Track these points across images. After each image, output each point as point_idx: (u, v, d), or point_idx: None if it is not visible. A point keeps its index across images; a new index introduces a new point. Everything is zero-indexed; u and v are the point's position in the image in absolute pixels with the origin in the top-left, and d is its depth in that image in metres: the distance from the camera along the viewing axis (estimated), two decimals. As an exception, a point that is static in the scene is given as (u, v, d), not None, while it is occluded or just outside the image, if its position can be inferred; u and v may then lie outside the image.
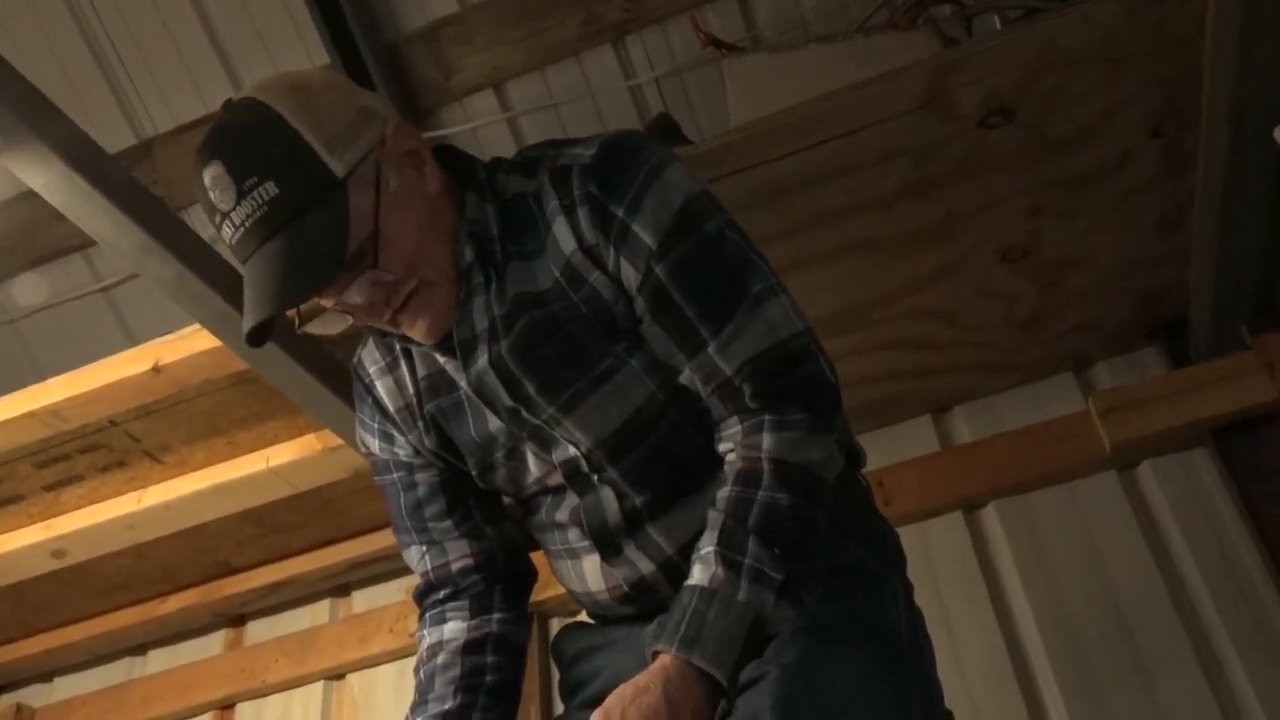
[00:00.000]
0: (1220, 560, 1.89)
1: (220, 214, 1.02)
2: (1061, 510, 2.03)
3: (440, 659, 1.23)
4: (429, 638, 1.26)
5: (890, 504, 2.03)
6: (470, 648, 1.23)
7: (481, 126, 2.45)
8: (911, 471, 2.12)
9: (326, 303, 1.10)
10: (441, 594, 1.28)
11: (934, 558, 2.04)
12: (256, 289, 1.02)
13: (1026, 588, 1.98)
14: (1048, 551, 2.00)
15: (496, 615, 1.26)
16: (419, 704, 1.22)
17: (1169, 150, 1.73)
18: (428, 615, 1.28)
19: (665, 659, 0.98)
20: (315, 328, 1.13)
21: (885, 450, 2.16)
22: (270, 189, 1.00)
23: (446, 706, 1.19)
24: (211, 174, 1.01)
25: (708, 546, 1.03)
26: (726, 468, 1.08)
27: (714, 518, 1.05)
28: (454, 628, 1.25)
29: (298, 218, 1.01)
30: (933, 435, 2.22)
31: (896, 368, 2.10)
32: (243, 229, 1.01)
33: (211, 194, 1.02)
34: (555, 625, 2.25)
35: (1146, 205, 1.83)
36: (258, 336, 1.05)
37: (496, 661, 1.24)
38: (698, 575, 1.02)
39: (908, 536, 1.30)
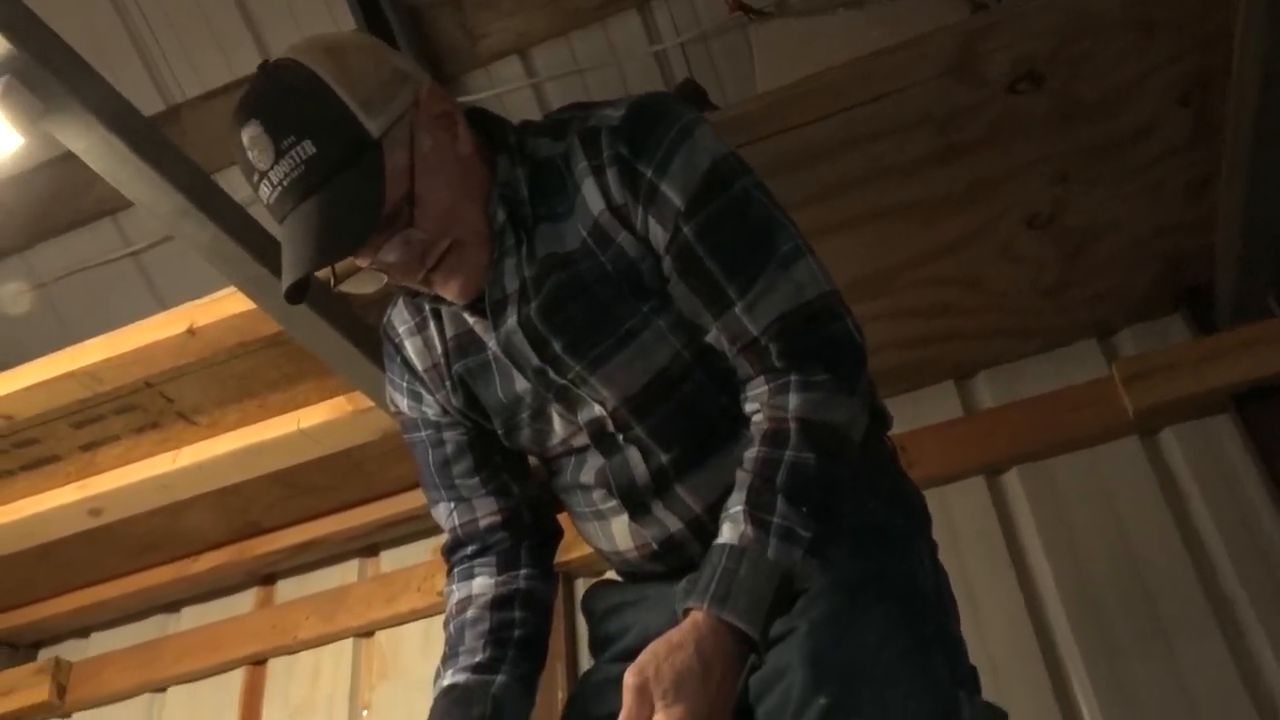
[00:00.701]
0: (1241, 525, 1.90)
1: (258, 173, 1.04)
2: (1083, 476, 2.05)
3: (469, 614, 1.25)
4: (458, 593, 1.28)
5: (912, 469, 2.01)
6: (498, 603, 1.25)
7: (507, 93, 2.46)
8: (934, 437, 2.13)
9: (361, 262, 1.11)
10: (469, 550, 1.30)
11: (955, 523, 2.06)
12: (294, 247, 1.04)
13: (1048, 552, 1.99)
14: (1069, 517, 2.02)
15: (523, 571, 1.28)
16: (449, 656, 1.24)
17: (1197, 117, 1.73)
18: (456, 571, 1.30)
19: (697, 616, 1.00)
20: (350, 286, 1.15)
21: (908, 416, 2.17)
22: (308, 148, 1.02)
23: (477, 659, 1.21)
24: (249, 133, 1.03)
25: (736, 506, 1.04)
26: (753, 428, 1.10)
27: (742, 478, 1.06)
28: (482, 583, 1.27)
29: (334, 177, 1.02)
30: (956, 401, 2.23)
31: (920, 334, 2.11)
32: (280, 188, 1.03)
33: (249, 153, 1.04)
34: (581, 586, 2.28)
35: (1173, 172, 1.82)
36: (296, 293, 1.07)
37: (524, 617, 1.26)
38: (727, 534, 1.04)
39: (929, 501, 1.31)
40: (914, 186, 1.80)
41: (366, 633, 2.45)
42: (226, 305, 1.87)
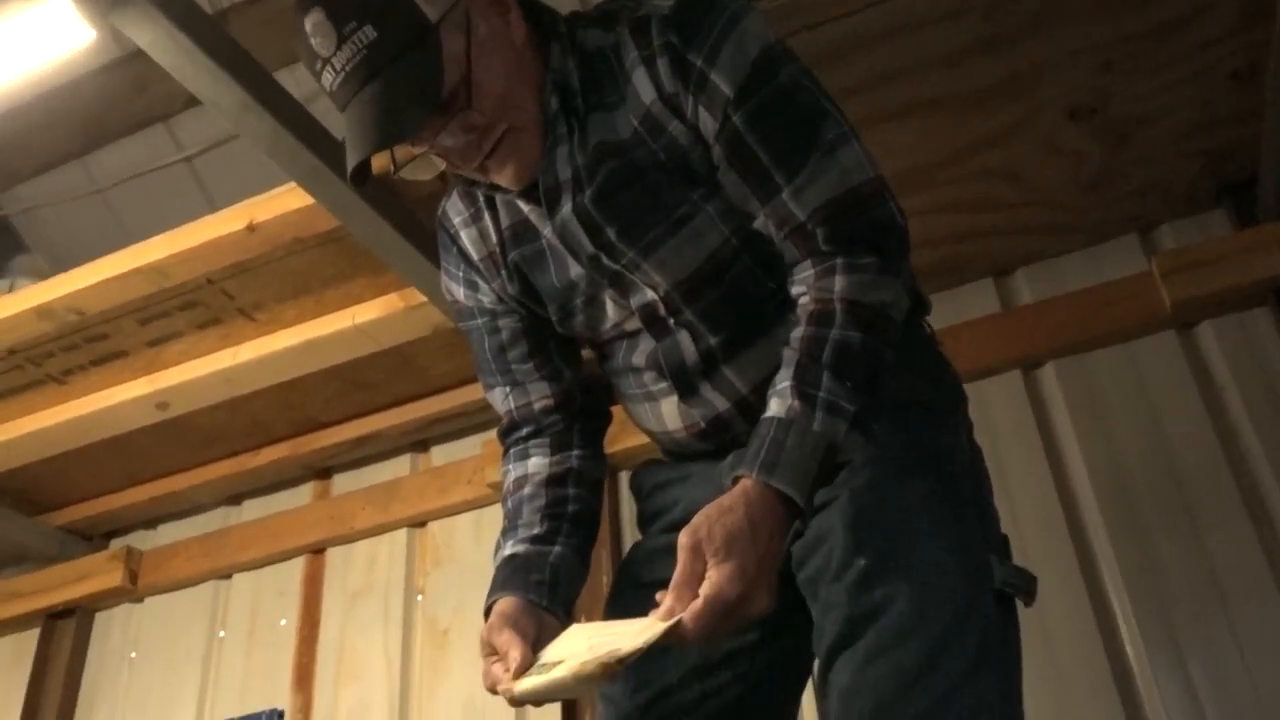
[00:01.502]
0: (1274, 415, 1.93)
1: (321, 60, 1.07)
2: (1119, 369, 2.08)
3: (526, 490, 1.31)
4: (514, 472, 1.34)
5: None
6: (553, 481, 1.30)
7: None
8: (971, 332, 2.16)
9: (420, 148, 1.15)
10: (524, 431, 1.35)
11: (992, 416, 2.10)
12: (358, 129, 1.07)
13: (1082, 444, 2.04)
14: (1104, 410, 2.06)
15: (576, 452, 1.33)
16: (509, 529, 1.30)
17: (1244, 2, 1.71)
18: (511, 451, 1.36)
19: (746, 483, 1.03)
20: (410, 173, 1.18)
21: (947, 312, 2.19)
22: (369, 33, 1.05)
23: (534, 531, 1.27)
24: (313, 20, 1.06)
25: (784, 382, 1.07)
26: (799, 309, 1.12)
27: (789, 355, 1.09)
28: (537, 463, 1.32)
29: (395, 61, 1.06)
30: (994, 298, 2.26)
31: (960, 229, 2.13)
32: (343, 73, 1.06)
33: (312, 40, 1.07)
34: (623, 478, 2.36)
35: (1220, 59, 1.81)
36: (360, 175, 1.10)
37: (577, 493, 1.31)
38: (774, 408, 1.07)
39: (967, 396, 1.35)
40: (957, 77, 1.81)
41: (419, 523, 2.56)
42: (285, 201, 1.93)
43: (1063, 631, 1.88)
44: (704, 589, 0.97)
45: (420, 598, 2.48)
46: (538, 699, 1.05)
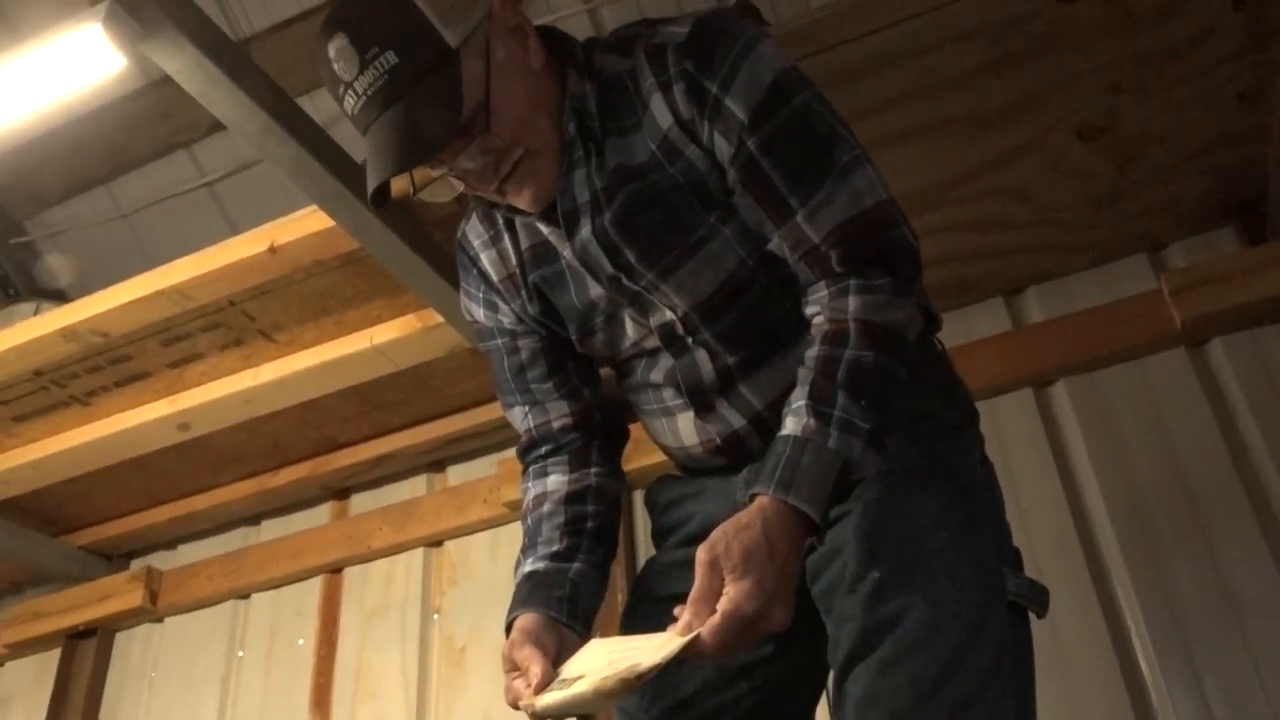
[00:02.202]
0: (1286, 431, 1.94)
1: (344, 84, 1.11)
2: (1131, 386, 2.09)
3: (546, 507, 1.33)
4: (533, 489, 1.36)
5: (961, 382, 2.09)
6: (572, 498, 1.32)
7: (563, 18, 2.50)
8: (983, 350, 2.18)
9: (439, 170, 1.18)
10: (543, 449, 1.37)
11: (1004, 434, 2.10)
12: (379, 151, 1.10)
13: (1093, 461, 2.05)
14: (1116, 427, 2.06)
15: (594, 469, 1.35)
16: (528, 547, 1.32)
17: (1252, 23, 1.73)
18: (531, 469, 1.38)
19: (763, 500, 1.05)
20: (429, 195, 1.24)
21: (958, 331, 2.22)
22: (390, 58, 1.08)
23: (554, 548, 1.29)
24: (336, 46, 1.10)
25: (799, 400, 1.09)
26: (814, 329, 1.15)
27: (804, 374, 1.11)
28: (556, 480, 1.34)
29: (416, 85, 1.09)
30: (1005, 316, 2.27)
31: (970, 248, 2.15)
32: (365, 97, 1.10)
33: (335, 65, 1.10)
34: (638, 497, 2.37)
35: (1227, 80, 1.83)
36: (380, 197, 1.14)
37: (596, 509, 1.33)
38: (790, 426, 1.09)
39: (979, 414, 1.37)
40: (966, 98, 1.83)
41: (436, 542, 2.58)
42: (306, 224, 1.96)
43: (1077, 647, 1.88)
44: (722, 605, 0.99)
45: (437, 616, 2.50)
46: (559, 713, 1.06)
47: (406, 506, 2.61)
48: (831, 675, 1.13)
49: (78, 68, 1.51)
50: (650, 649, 1.00)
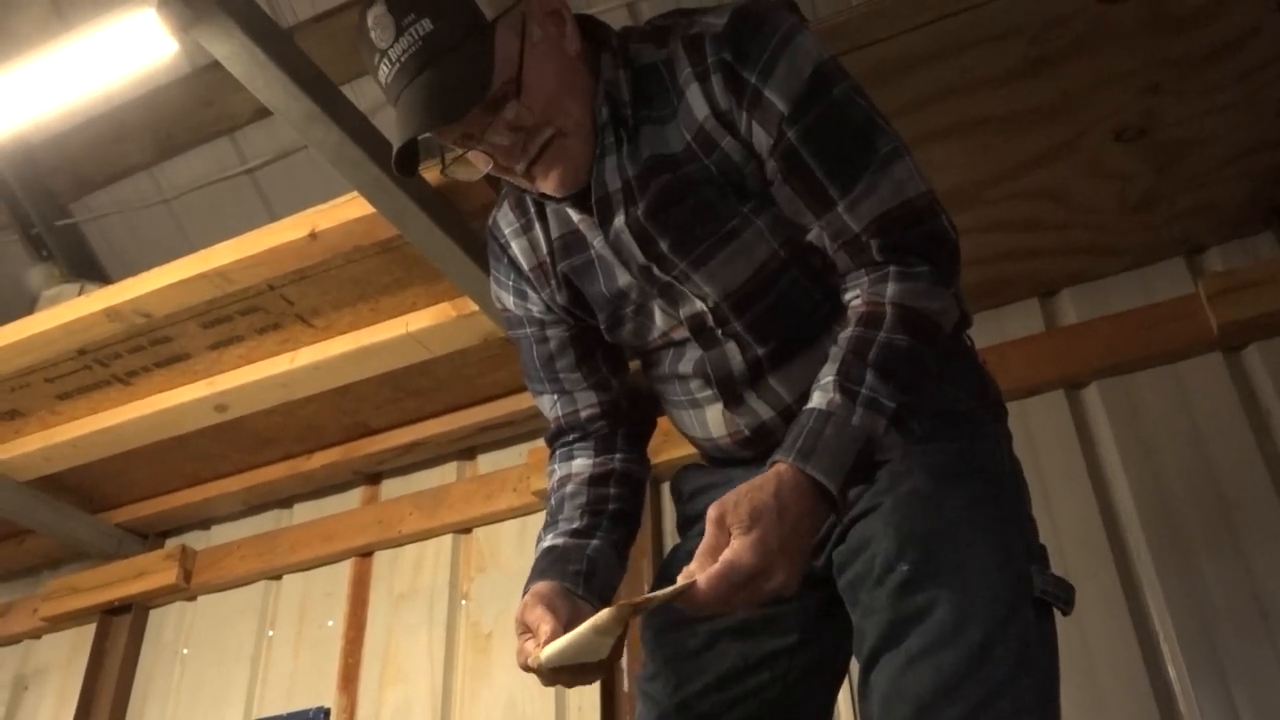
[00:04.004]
0: (1321, 438, 1.92)
1: (379, 52, 1.12)
2: (1164, 390, 2.08)
3: (569, 488, 1.34)
4: (559, 471, 1.37)
5: (992, 382, 2.09)
6: (595, 480, 1.34)
7: (602, 11, 2.52)
8: (1016, 351, 2.18)
9: (467, 148, 1.17)
10: (571, 436, 1.38)
11: (1035, 435, 2.11)
12: (407, 113, 1.11)
13: (1124, 464, 2.04)
14: (1147, 430, 2.05)
15: (619, 455, 1.37)
16: (549, 524, 1.33)
17: (1295, 26, 1.72)
18: (557, 453, 1.39)
19: (780, 466, 1.05)
20: (458, 170, 1.21)
21: (992, 331, 2.22)
22: (426, 25, 1.08)
23: (574, 526, 1.30)
24: (375, 13, 1.11)
25: (828, 376, 1.09)
26: (850, 311, 1.14)
27: (835, 352, 1.11)
28: (581, 463, 1.36)
29: (449, 53, 1.09)
30: (1039, 318, 2.27)
31: (1005, 249, 2.14)
32: (398, 64, 1.10)
33: (372, 33, 1.11)
34: (665, 489, 2.39)
35: (1268, 84, 1.82)
36: (406, 160, 1.13)
37: (619, 493, 1.34)
38: (816, 400, 1.09)
39: (1009, 413, 1.37)
40: (1004, 98, 1.83)
41: (465, 529, 2.61)
42: (346, 210, 1.99)
43: (1104, 650, 1.88)
44: (723, 555, 1.00)
45: (464, 602, 2.53)
46: (560, 660, 1.06)
47: (437, 493, 2.64)
48: (858, 667, 1.14)
49: (129, 53, 1.54)
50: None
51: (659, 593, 1.00)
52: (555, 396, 1.39)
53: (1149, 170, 1.98)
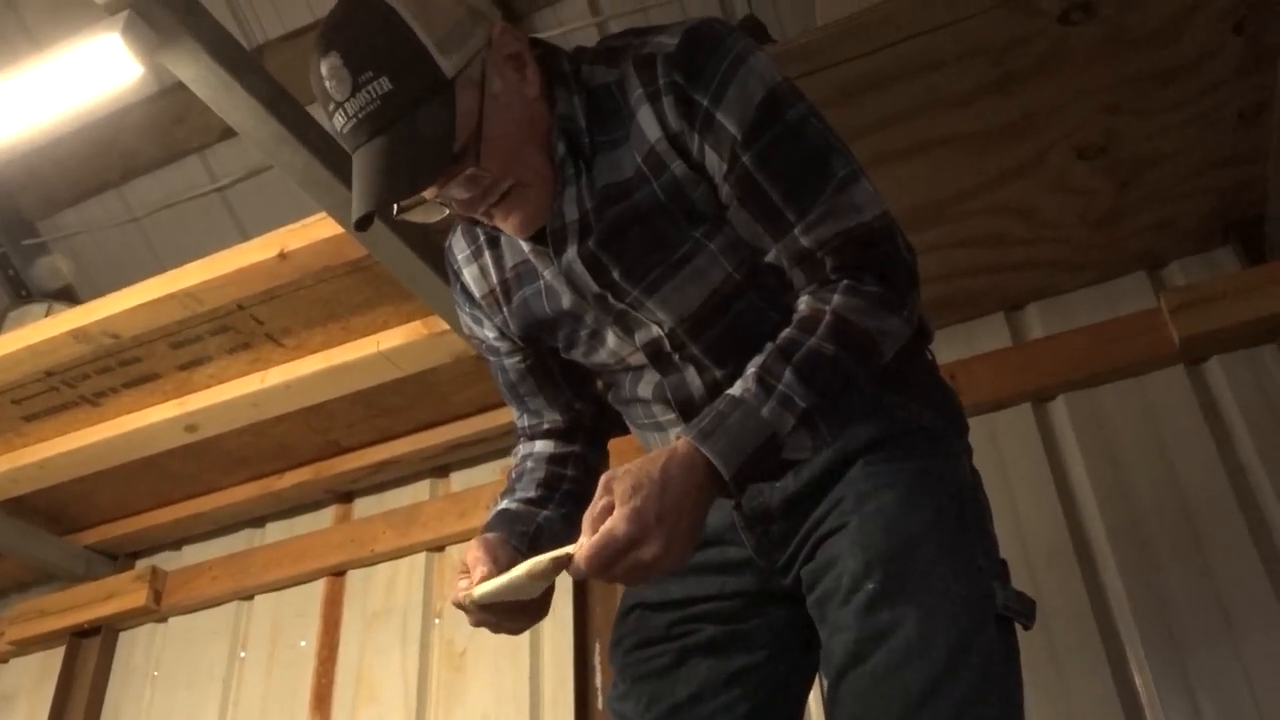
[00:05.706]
0: (1282, 451, 1.95)
1: (335, 103, 1.08)
2: (1129, 403, 2.10)
3: (528, 464, 1.38)
4: (522, 451, 1.42)
5: (961, 396, 2.09)
6: (554, 460, 1.38)
7: (572, 31, 2.54)
8: (983, 365, 2.19)
9: (428, 195, 1.16)
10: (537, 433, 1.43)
11: (1002, 448, 2.12)
12: (366, 180, 1.09)
13: (1091, 474, 2.06)
14: (1113, 443, 2.07)
15: (580, 444, 1.41)
16: (507, 491, 1.36)
17: (1251, 46, 1.75)
18: (522, 441, 1.44)
19: (678, 443, 1.05)
20: (415, 216, 1.19)
21: (959, 346, 2.24)
22: (384, 84, 1.06)
23: (529, 495, 1.33)
24: (329, 64, 1.07)
25: (751, 368, 1.11)
26: (795, 315, 1.15)
27: (767, 347, 1.12)
28: (543, 445, 1.40)
29: (408, 114, 1.06)
30: (1006, 332, 2.29)
31: (972, 264, 2.16)
32: (355, 120, 1.07)
33: (328, 83, 1.08)
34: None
35: (1226, 101, 1.84)
36: (365, 223, 1.12)
37: (575, 475, 1.37)
38: (735, 387, 1.10)
39: (977, 427, 1.37)
40: (968, 117, 1.85)
41: (438, 547, 2.59)
42: (316, 230, 1.98)
43: (1072, 662, 1.90)
44: (603, 525, 1.00)
45: (438, 621, 2.52)
46: (493, 598, 1.07)
47: (410, 511, 2.63)
48: (825, 684, 1.15)
49: (95, 76, 1.53)
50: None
51: (549, 554, 1.02)
52: (521, 413, 1.43)
53: (1111, 187, 2.01)
